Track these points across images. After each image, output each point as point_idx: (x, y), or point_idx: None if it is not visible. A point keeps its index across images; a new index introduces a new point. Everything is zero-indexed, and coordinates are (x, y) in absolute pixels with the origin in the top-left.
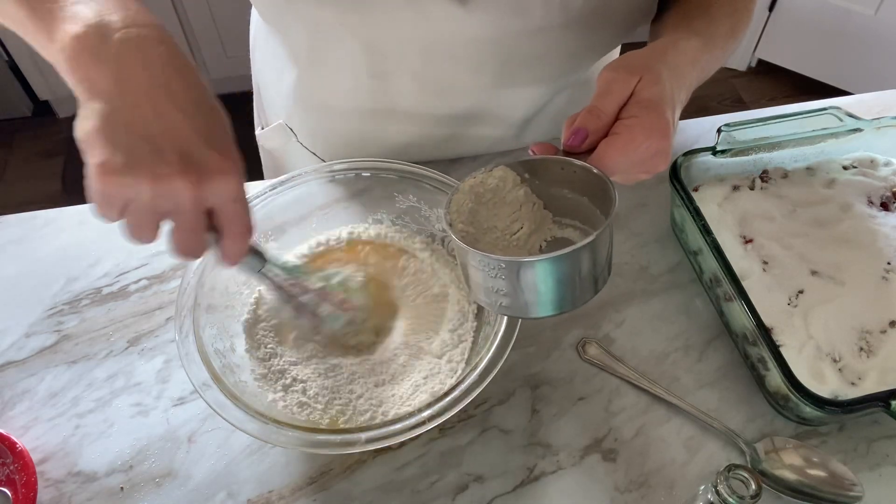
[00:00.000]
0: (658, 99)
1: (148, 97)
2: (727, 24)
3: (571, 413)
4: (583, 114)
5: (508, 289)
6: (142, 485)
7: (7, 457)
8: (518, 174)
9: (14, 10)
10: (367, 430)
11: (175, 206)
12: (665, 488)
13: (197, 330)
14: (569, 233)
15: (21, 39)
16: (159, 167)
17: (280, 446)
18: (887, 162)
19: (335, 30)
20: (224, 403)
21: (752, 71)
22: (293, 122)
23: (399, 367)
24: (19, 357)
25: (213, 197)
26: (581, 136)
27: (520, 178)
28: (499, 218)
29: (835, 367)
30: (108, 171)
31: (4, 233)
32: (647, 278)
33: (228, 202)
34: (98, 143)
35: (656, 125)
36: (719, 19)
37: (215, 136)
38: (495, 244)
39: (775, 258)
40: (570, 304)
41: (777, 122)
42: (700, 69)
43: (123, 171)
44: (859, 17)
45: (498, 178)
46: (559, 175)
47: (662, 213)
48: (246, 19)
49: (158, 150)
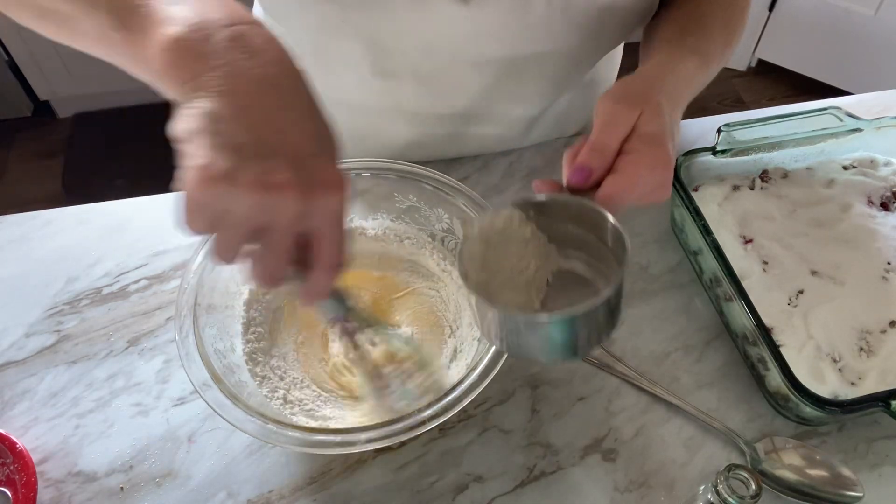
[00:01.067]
0: (660, 132)
1: (259, 97)
2: (722, 39)
3: (571, 413)
4: (585, 150)
5: (523, 340)
6: (142, 485)
7: (7, 457)
8: (524, 212)
9: (95, 24)
10: (368, 430)
11: (273, 220)
12: (665, 488)
13: (197, 330)
14: (575, 265)
15: (21, 39)
16: (267, 175)
17: (280, 446)
18: (887, 162)
19: (338, 27)
20: (224, 403)
21: (752, 71)
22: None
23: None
24: (19, 357)
25: (318, 214)
26: (585, 175)
27: (525, 216)
28: (507, 258)
29: (835, 367)
30: (209, 177)
31: (4, 233)
32: (647, 278)
33: (330, 224)
34: (201, 145)
35: (660, 159)
36: (714, 34)
37: (327, 144)
38: (505, 285)
39: (775, 258)
40: (583, 351)
41: (777, 122)
42: (695, 87)
43: (227, 177)
44: (859, 17)
45: (505, 218)
46: (565, 212)
47: (662, 213)
48: None
49: (268, 154)
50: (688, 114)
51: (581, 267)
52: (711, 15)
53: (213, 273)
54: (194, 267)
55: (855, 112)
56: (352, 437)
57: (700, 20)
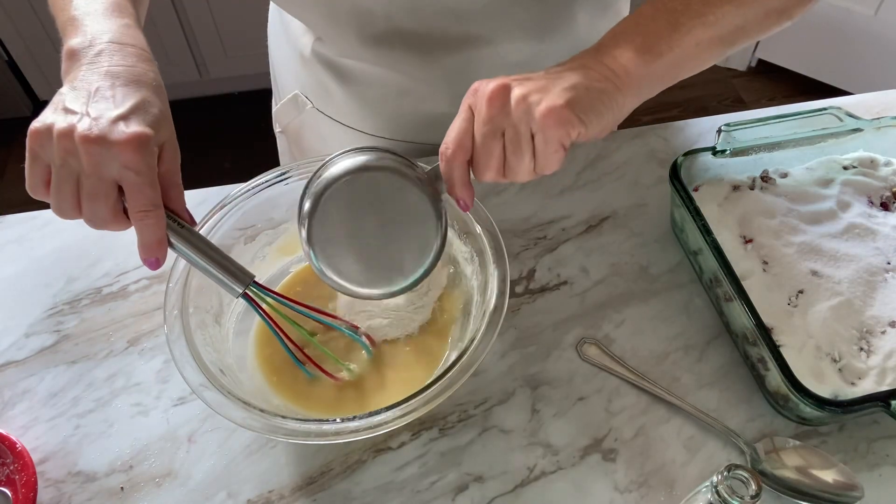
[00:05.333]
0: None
1: (96, 83)
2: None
3: (571, 413)
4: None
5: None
6: (142, 485)
7: (7, 457)
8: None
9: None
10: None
11: (80, 164)
12: (665, 488)
13: (187, 332)
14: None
15: (21, 39)
16: (73, 125)
17: (282, 440)
18: (887, 162)
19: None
20: (222, 402)
21: (752, 71)
22: (307, 91)
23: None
24: (19, 357)
25: (115, 163)
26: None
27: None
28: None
29: (835, 367)
30: (37, 126)
31: (4, 233)
32: (647, 278)
33: (131, 173)
34: (45, 111)
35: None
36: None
37: (142, 115)
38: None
39: (775, 258)
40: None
41: (777, 122)
42: (662, 30)
43: (46, 126)
44: (859, 17)
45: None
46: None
47: (662, 213)
48: (246, 19)
49: (83, 115)
50: (688, 114)
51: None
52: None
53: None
54: (180, 269)
55: (855, 112)
56: (340, 426)
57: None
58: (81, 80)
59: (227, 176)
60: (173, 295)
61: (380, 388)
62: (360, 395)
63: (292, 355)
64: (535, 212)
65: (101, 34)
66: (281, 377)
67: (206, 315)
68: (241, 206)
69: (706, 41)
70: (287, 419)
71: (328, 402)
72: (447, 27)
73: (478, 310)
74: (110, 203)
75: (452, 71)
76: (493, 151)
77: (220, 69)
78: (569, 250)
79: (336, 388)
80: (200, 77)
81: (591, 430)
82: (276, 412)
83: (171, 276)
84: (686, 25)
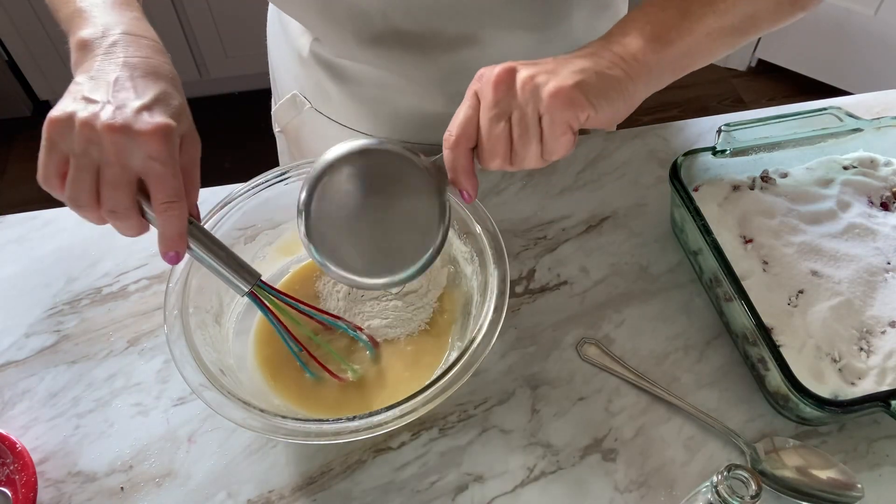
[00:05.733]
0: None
1: (114, 73)
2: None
3: (571, 413)
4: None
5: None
6: (142, 485)
7: (7, 457)
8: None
9: (60, 20)
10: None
11: (100, 155)
12: (665, 488)
13: (187, 332)
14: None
15: (21, 39)
16: (94, 115)
17: (283, 439)
18: (887, 162)
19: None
20: (222, 402)
21: (752, 71)
22: (306, 91)
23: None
24: (19, 357)
25: (138, 154)
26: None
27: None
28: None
29: (835, 367)
30: (57, 115)
31: (4, 233)
32: (647, 278)
33: (155, 164)
34: (62, 99)
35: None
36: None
37: (164, 106)
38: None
39: (775, 258)
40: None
41: (777, 122)
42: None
43: (68, 115)
44: (859, 17)
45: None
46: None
47: (662, 213)
48: (246, 19)
49: (104, 104)
50: (688, 114)
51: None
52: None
53: (200, 274)
54: (179, 269)
55: (855, 112)
56: (340, 426)
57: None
58: (98, 70)
59: (227, 176)
60: (173, 295)
61: (380, 388)
62: (360, 396)
63: (296, 355)
64: (535, 212)
65: (114, 25)
66: (281, 377)
67: (207, 315)
68: (241, 206)
69: (717, 30)
70: (287, 419)
71: (328, 402)
72: (444, 26)
73: (478, 310)
74: (131, 193)
75: (449, 71)
76: (499, 136)
77: (220, 69)
78: (569, 250)
79: (336, 388)
80: (200, 77)
81: (591, 430)
82: (276, 412)
83: (172, 276)
84: (696, 14)
